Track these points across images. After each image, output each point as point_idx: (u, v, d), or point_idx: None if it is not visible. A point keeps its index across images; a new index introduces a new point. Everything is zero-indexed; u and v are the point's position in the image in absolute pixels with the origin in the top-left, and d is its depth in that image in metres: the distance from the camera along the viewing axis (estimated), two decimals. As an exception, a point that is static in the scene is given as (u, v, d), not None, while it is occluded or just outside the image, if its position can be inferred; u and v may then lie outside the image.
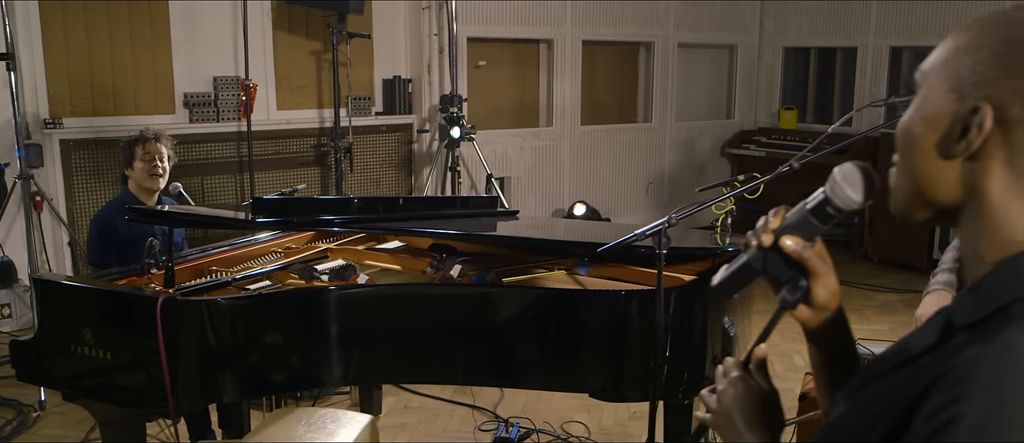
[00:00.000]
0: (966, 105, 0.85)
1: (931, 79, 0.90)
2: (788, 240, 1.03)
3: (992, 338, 0.79)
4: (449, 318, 2.67)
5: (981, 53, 0.85)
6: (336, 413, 2.63)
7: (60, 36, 5.47)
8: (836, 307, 1.09)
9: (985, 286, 0.86)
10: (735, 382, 1.11)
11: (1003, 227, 0.86)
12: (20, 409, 4.20)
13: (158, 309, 2.49)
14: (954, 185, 0.89)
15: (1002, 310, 0.82)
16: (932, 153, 0.89)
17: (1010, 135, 0.83)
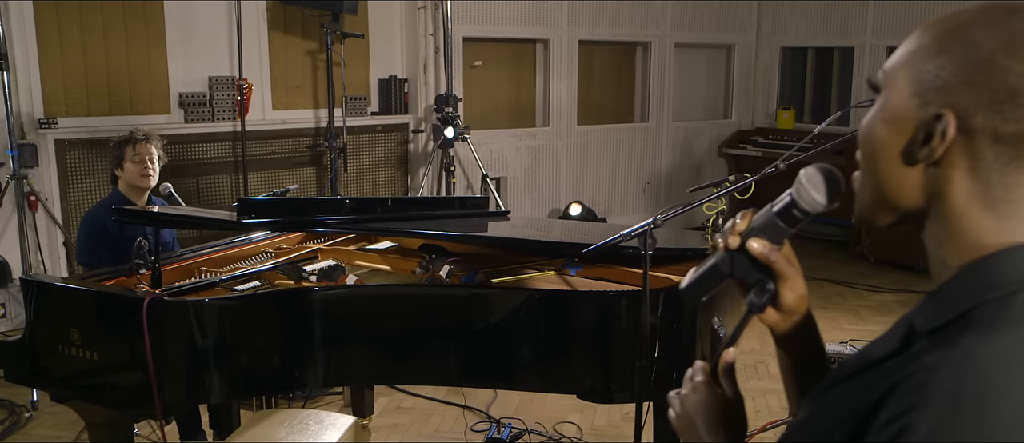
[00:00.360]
0: (929, 111, 0.84)
1: (894, 80, 0.89)
2: (755, 243, 1.02)
3: (951, 345, 0.79)
4: (435, 319, 2.66)
5: (943, 58, 0.84)
6: (319, 414, 2.63)
7: (55, 36, 5.46)
8: (804, 311, 1.08)
9: (947, 291, 0.86)
10: (698, 387, 1.10)
11: (966, 232, 0.85)
12: (12, 409, 4.20)
13: (144, 310, 2.48)
14: (917, 190, 0.88)
15: (963, 316, 0.81)
16: (895, 158, 0.88)
17: (973, 144, 0.83)
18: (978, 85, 0.81)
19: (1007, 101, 0.80)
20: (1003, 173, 0.83)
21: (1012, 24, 0.82)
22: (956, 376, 0.75)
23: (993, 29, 0.82)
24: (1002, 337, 0.77)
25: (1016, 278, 0.81)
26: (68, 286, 2.74)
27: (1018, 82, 0.80)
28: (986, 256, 0.84)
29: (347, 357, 2.63)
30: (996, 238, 0.84)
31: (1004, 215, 0.84)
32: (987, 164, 0.83)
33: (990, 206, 0.84)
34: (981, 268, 0.84)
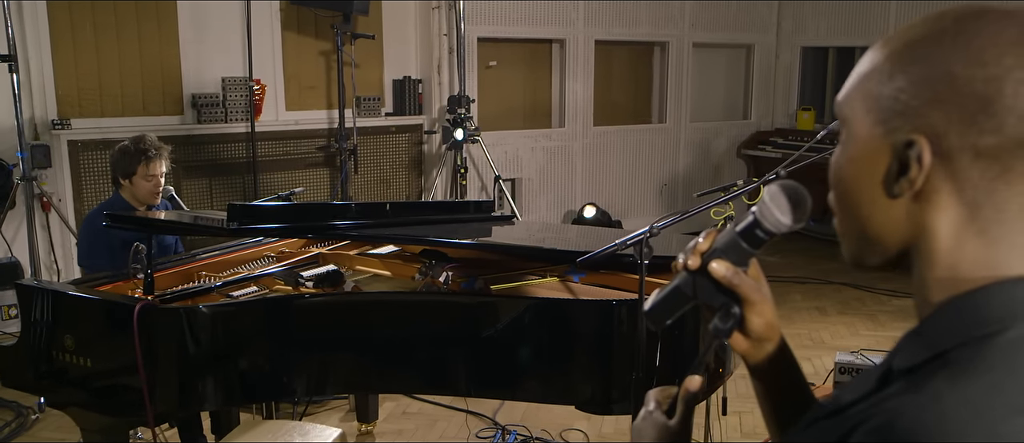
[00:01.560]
0: (898, 138, 0.77)
1: (851, 111, 0.83)
2: (717, 265, 0.95)
3: (919, 388, 0.72)
4: (428, 327, 2.62)
5: (899, 79, 0.77)
6: (304, 426, 2.59)
7: (68, 37, 5.47)
8: (776, 339, 1.02)
9: (927, 329, 0.79)
10: (645, 416, 1.05)
11: (952, 264, 0.78)
12: (19, 411, 4.20)
13: (135, 316, 2.46)
14: (903, 225, 0.80)
15: (941, 355, 0.74)
16: (872, 196, 0.81)
17: (953, 165, 0.75)
18: (944, 101, 0.74)
19: (979, 111, 0.73)
20: (991, 190, 0.75)
21: (964, 30, 0.75)
22: (917, 424, 0.68)
23: (945, 39, 0.75)
24: (974, 382, 0.70)
25: (1000, 316, 0.74)
26: (60, 292, 2.72)
27: (986, 89, 0.73)
28: (970, 291, 0.77)
29: (336, 364, 2.59)
30: (983, 271, 0.77)
31: (995, 239, 0.77)
32: (973, 183, 0.76)
33: (981, 230, 0.77)
34: (964, 304, 0.77)
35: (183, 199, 5.44)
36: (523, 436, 3.90)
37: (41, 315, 2.72)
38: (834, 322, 5.71)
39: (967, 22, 0.75)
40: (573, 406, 2.63)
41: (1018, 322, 0.73)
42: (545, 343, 2.63)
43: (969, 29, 0.75)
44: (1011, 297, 0.75)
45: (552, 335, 2.62)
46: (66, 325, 2.66)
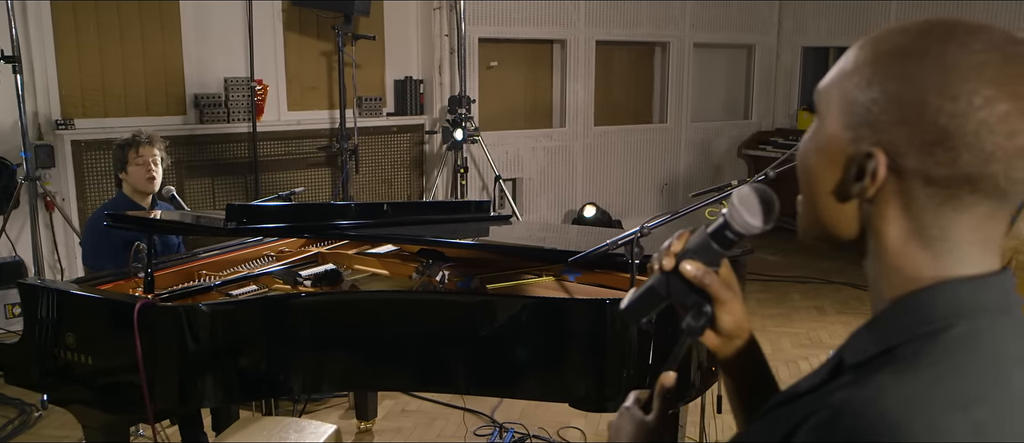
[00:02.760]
0: (861, 147, 0.81)
1: (827, 105, 0.86)
2: (688, 265, 0.99)
3: (865, 382, 0.76)
4: (423, 325, 2.65)
5: (876, 90, 0.80)
6: (300, 422, 2.63)
7: (72, 37, 5.52)
8: (746, 336, 1.06)
9: (878, 324, 0.83)
10: (622, 413, 1.09)
11: (901, 267, 0.82)
12: (23, 408, 4.25)
13: (135, 314, 2.49)
14: (853, 223, 0.85)
15: (890, 350, 0.78)
16: (830, 192, 0.85)
17: (904, 183, 0.79)
18: (909, 124, 0.77)
19: (938, 144, 0.76)
20: (937, 213, 0.79)
21: (947, 56, 0.77)
22: (859, 416, 0.72)
23: (926, 62, 0.77)
24: (917, 378, 0.74)
25: (947, 314, 0.78)
26: (62, 290, 2.76)
27: (949, 123, 0.75)
28: (919, 289, 0.81)
29: (333, 362, 2.63)
30: (931, 272, 0.81)
31: (940, 252, 0.80)
32: (920, 204, 0.79)
33: (926, 244, 0.81)
34: (913, 302, 0.81)
35: (186, 199, 5.49)
36: (520, 434, 3.93)
37: (43, 313, 2.76)
38: (833, 321, 5.74)
39: (951, 48, 0.77)
40: (567, 404, 2.66)
41: (962, 320, 0.77)
42: (539, 341, 2.65)
43: (949, 59, 0.76)
44: (956, 296, 0.78)
45: (546, 333, 2.65)
46: (68, 323, 2.70)
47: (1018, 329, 0.81)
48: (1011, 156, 0.75)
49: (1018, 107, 0.75)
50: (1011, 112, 0.74)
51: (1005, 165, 0.76)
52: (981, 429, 0.72)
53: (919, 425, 0.70)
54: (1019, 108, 0.75)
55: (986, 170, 0.76)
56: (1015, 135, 0.75)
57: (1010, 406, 0.75)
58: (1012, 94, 0.75)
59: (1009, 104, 0.74)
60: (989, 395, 0.74)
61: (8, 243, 5.20)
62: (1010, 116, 0.74)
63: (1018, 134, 0.75)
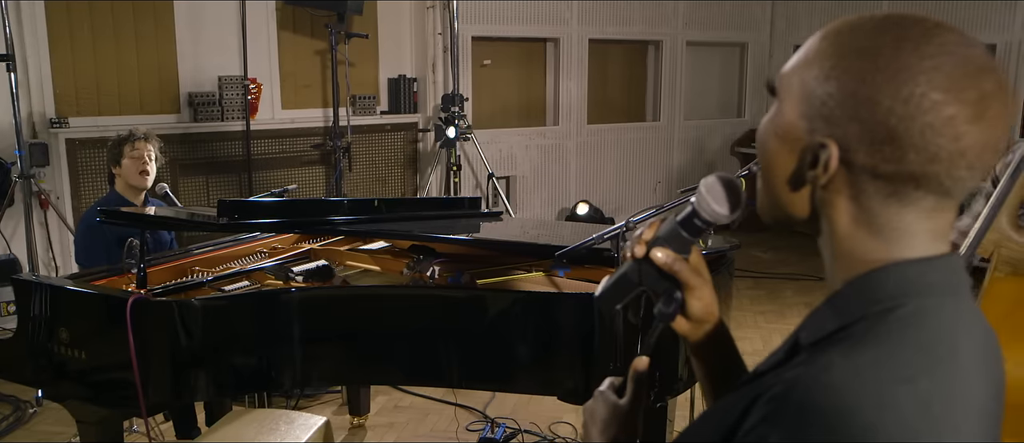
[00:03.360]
0: (815, 138, 0.84)
1: (787, 92, 0.89)
2: (658, 252, 1.03)
3: (816, 360, 0.79)
4: (414, 319, 2.68)
5: (832, 84, 0.83)
6: (290, 415, 2.66)
7: (66, 36, 5.54)
8: (715, 321, 1.09)
9: (831, 305, 0.87)
10: (596, 396, 1.12)
11: (852, 251, 0.86)
12: (17, 405, 4.27)
13: (128, 309, 2.52)
14: (807, 207, 0.89)
15: (841, 330, 0.82)
16: (786, 177, 0.89)
17: (854, 176, 0.83)
18: (861, 122, 0.81)
19: (886, 142, 0.80)
20: (884, 204, 0.83)
21: (900, 56, 0.80)
22: (809, 391, 0.75)
23: (880, 61, 0.80)
24: (865, 353, 0.78)
25: (896, 294, 0.82)
26: (56, 286, 2.78)
27: (898, 125, 0.79)
28: (870, 271, 0.84)
29: (323, 356, 2.66)
30: (881, 255, 0.85)
31: (888, 239, 0.84)
32: (868, 195, 0.83)
33: (874, 232, 0.85)
34: (864, 283, 0.84)
35: (180, 197, 5.51)
36: (512, 429, 3.96)
37: (37, 309, 2.78)
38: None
39: (904, 51, 0.80)
40: (556, 397, 2.69)
41: (910, 299, 0.81)
42: (528, 335, 2.68)
43: (902, 60, 0.80)
44: (905, 277, 0.82)
45: (534, 327, 2.68)
46: (61, 319, 2.72)
47: (966, 308, 0.85)
48: (954, 157, 0.79)
49: (963, 112, 0.78)
50: (956, 116, 0.78)
51: (948, 165, 0.80)
52: (926, 401, 0.75)
53: (865, 397, 0.74)
54: (965, 113, 0.78)
55: (930, 169, 0.80)
56: (959, 138, 0.79)
57: (957, 380, 0.79)
58: (958, 99, 0.78)
59: (955, 108, 0.78)
60: (935, 369, 0.78)
61: (3, 241, 5.22)
62: (955, 120, 0.78)
63: (962, 137, 0.79)
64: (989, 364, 0.86)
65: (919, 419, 0.74)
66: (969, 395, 0.80)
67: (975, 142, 0.79)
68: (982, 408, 0.82)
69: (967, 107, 0.78)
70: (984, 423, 0.83)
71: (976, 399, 0.81)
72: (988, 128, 0.79)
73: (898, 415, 0.73)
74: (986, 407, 0.83)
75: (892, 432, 0.73)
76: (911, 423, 0.74)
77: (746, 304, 5.96)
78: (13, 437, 4.03)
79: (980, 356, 0.84)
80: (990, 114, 0.79)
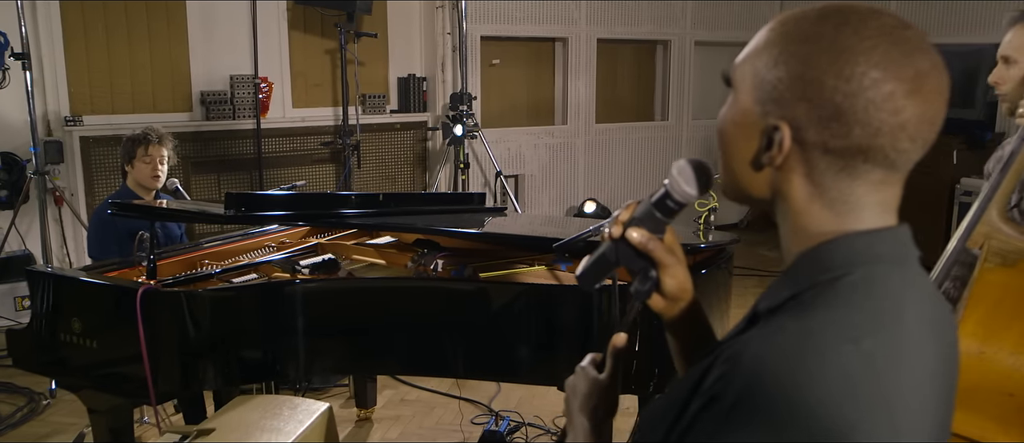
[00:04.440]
0: (768, 121, 0.90)
1: (741, 81, 0.94)
2: (634, 232, 1.08)
3: (769, 324, 0.85)
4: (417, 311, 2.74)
5: (781, 70, 0.89)
6: (294, 400, 2.72)
7: (80, 35, 5.63)
8: (689, 299, 1.14)
9: (787, 276, 0.92)
10: (577, 372, 1.17)
11: (806, 225, 0.92)
12: (31, 396, 4.36)
13: (138, 299, 2.59)
14: (765, 187, 0.94)
15: (794, 297, 0.88)
16: (744, 159, 0.94)
17: (806, 153, 0.89)
18: (809, 102, 0.86)
19: (833, 119, 0.86)
20: (836, 178, 0.89)
21: (841, 39, 0.86)
22: (760, 350, 0.81)
23: (823, 44, 0.86)
24: (813, 317, 0.84)
25: (843, 263, 0.88)
26: (69, 277, 2.85)
27: (843, 102, 0.85)
28: (822, 243, 0.90)
29: (326, 346, 2.72)
30: (832, 228, 0.90)
31: (840, 212, 0.90)
32: (820, 171, 0.89)
33: (827, 205, 0.90)
34: (817, 254, 0.90)
35: (192, 194, 5.60)
36: (516, 422, 4.01)
37: (50, 300, 2.86)
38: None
39: (844, 34, 0.86)
40: (557, 388, 2.74)
41: (856, 268, 0.87)
42: (529, 327, 2.74)
43: (843, 43, 0.86)
44: (852, 247, 0.88)
45: (535, 319, 2.74)
46: (74, 309, 2.79)
47: (913, 276, 0.91)
48: (895, 130, 0.85)
49: (902, 87, 0.84)
50: (895, 92, 0.84)
51: (891, 138, 0.86)
52: (870, 359, 0.81)
53: (812, 354, 0.79)
54: (903, 88, 0.85)
55: (875, 142, 0.86)
56: (899, 112, 0.85)
57: (902, 342, 0.85)
58: (896, 76, 0.84)
59: (894, 84, 0.84)
60: (879, 331, 0.83)
61: (18, 237, 5.32)
62: (894, 95, 0.84)
63: (901, 111, 0.85)
64: (939, 331, 0.92)
65: (862, 374, 0.80)
66: (915, 357, 0.85)
67: (914, 115, 0.85)
68: (931, 371, 0.88)
69: (904, 83, 0.84)
70: (935, 384, 0.89)
71: (924, 362, 0.87)
72: (925, 102, 0.86)
73: (842, 370, 0.79)
74: (935, 370, 0.89)
75: (836, 386, 0.78)
76: (854, 378, 0.79)
77: (749, 301, 5.97)
78: (28, 427, 4.11)
79: (928, 322, 0.90)
80: (926, 89, 0.86)
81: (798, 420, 0.77)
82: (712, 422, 0.81)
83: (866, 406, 0.79)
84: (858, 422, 0.78)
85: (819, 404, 0.77)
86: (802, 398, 0.77)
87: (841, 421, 0.77)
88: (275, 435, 2.45)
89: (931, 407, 0.87)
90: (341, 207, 3.11)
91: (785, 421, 0.77)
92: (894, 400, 0.81)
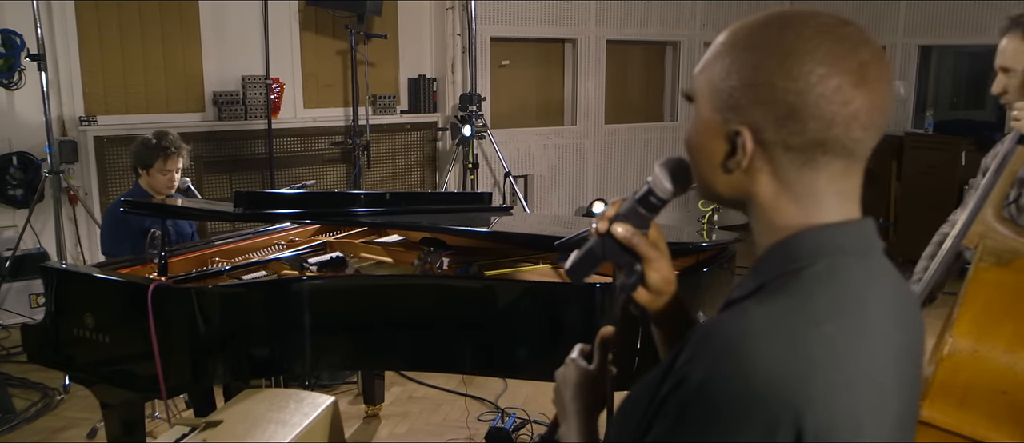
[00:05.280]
0: (730, 127, 0.95)
1: (700, 95, 0.99)
2: (619, 227, 1.13)
3: (735, 309, 0.90)
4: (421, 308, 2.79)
5: (734, 79, 0.94)
6: (300, 394, 2.77)
7: (95, 37, 5.71)
8: (673, 292, 1.19)
9: (756, 268, 0.98)
10: (568, 363, 1.22)
11: (774, 220, 0.97)
12: (45, 392, 4.43)
13: (149, 296, 2.65)
14: (734, 188, 0.99)
15: (763, 286, 0.93)
16: (712, 165, 0.99)
17: (769, 153, 0.94)
18: (764, 104, 0.92)
19: (789, 117, 0.91)
20: (799, 173, 0.94)
21: (785, 42, 0.91)
22: (726, 332, 0.86)
23: (768, 48, 0.92)
24: (778, 302, 0.89)
25: (809, 254, 0.93)
26: (82, 273, 2.92)
27: (796, 100, 0.90)
28: (789, 236, 0.95)
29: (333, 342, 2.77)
30: (798, 221, 0.95)
31: (805, 205, 0.95)
32: (784, 167, 0.94)
33: (794, 199, 0.95)
34: (784, 247, 0.95)
35: (204, 193, 5.66)
36: (522, 419, 4.06)
37: (64, 296, 2.92)
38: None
39: (788, 37, 0.91)
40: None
41: (819, 259, 0.92)
42: (533, 324, 2.78)
43: (787, 46, 0.91)
44: (816, 239, 0.94)
45: (539, 317, 2.78)
46: (87, 305, 2.86)
47: (876, 268, 0.96)
48: (848, 120, 0.90)
49: (848, 79, 0.90)
50: (842, 84, 0.89)
51: (845, 128, 0.91)
52: (830, 342, 0.86)
53: (774, 337, 0.85)
54: (849, 80, 0.90)
55: (830, 134, 0.91)
56: (848, 103, 0.90)
57: (864, 327, 0.90)
58: (841, 69, 0.90)
59: (840, 77, 0.89)
60: (841, 317, 0.89)
61: (33, 235, 5.39)
62: (842, 87, 0.89)
63: (850, 102, 0.90)
64: (903, 319, 0.97)
65: (822, 355, 0.85)
66: (877, 342, 0.90)
67: (864, 104, 0.90)
68: (894, 355, 0.93)
69: (850, 75, 0.90)
70: (898, 367, 0.94)
71: (886, 347, 0.92)
72: (871, 91, 0.91)
73: (803, 351, 0.84)
74: (899, 355, 0.94)
75: (797, 366, 0.83)
76: (815, 358, 0.84)
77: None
78: (42, 422, 4.19)
79: (891, 310, 0.95)
80: (871, 77, 0.91)
81: (760, 397, 0.82)
82: (680, 401, 0.86)
83: (825, 384, 0.84)
84: (817, 397, 0.83)
85: (780, 380, 0.82)
86: (764, 376, 0.82)
87: (801, 396, 0.82)
88: (281, 427, 2.51)
89: (893, 388, 0.92)
90: (347, 206, 3.16)
91: (748, 399, 0.82)
92: (854, 380, 0.86)
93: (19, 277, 5.31)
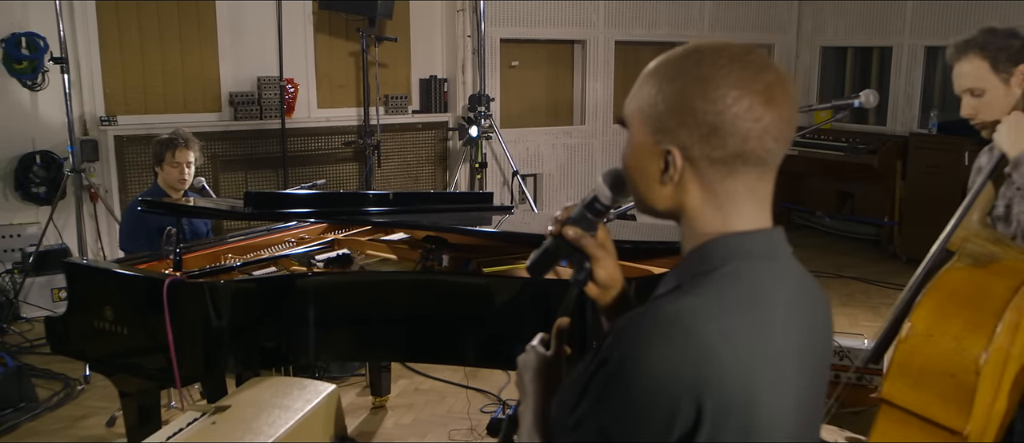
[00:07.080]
0: (662, 147, 1.09)
1: (634, 121, 1.13)
2: (569, 230, 1.27)
3: (650, 304, 1.04)
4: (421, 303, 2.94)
5: (662, 105, 1.08)
6: (303, 382, 2.93)
7: (115, 39, 5.90)
8: (619, 287, 1.33)
9: (676, 269, 1.13)
10: (528, 350, 1.36)
11: (696, 227, 1.11)
12: (67, 382, 4.62)
13: (165, 290, 2.81)
14: (668, 200, 1.13)
15: (679, 286, 1.07)
16: (649, 182, 1.13)
17: (696, 166, 1.08)
18: (688, 126, 1.06)
19: (711, 135, 1.05)
20: (722, 182, 1.08)
21: (701, 71, 1.06)
22: (639, 323, 1.01)
23: (688, 77, 1.06)
24: (686, 298, 1.04)
25: (720, 258, 1.08)
26: (102, 268, 3.09)
27: (715, 119, 1.04)
28: (706, 242, 1.10)
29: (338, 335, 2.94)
30: (717, 228, 1.09)
31: (727, 212, 1.09)
32: (709, 178, 1.08)
33: (716, 207, 1.09)
34: (701, 251, 1.10)
35: (220, 191, 5.85)
36: (523, 411, 4.19)
37: (85, 290, 3.09)
38: (837, 313, 5.92)
39: (704, 65, 1.06)
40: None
41: (728, 262, 1.06)
42: (527, 318, 2.92)
43: (705, 73, 1.06)
44: (729, 246, 1.08)
45: (533, 311, 2.92)
46: (107, 298, 3.02)
47: (782, 272, 1.09)
48: (761, 134, 1.05)
49: (758, 99, 1.04)
50: (753, 103, 1.04)
51: (759, 141, 1.05)
52: (729, 335, 1.00)
53: (679, 328, 0.99)
54: (759, 99, 1.04)
55: (747, 147, 1.05)
56: (760, 119, 1.04)
57: (764, 322, 1.04)
58: (751, 91, 1.04)
59: (751, 98, 1.04)
60: (742, 314, 1.03)
61: (55, 231, 5.59)
62: (753, 106, 1.04)
63: (762, 118, 1.05)
64: (810, 317, 1.11)
65: (721, 345, 0.99)
66: (779, 336, 1.04)
67: (773, 119, 1.05)
68: (796, 348, 1.07)
69: (759, 95, 1.04)
70: (802, 359, 1.08)
71: (788, 340, 1.06)
72: (778, 107, 1.05)
73: (704, 342, 0.98)
74: (801, 348, 1.08)
75: (697, 353, 0.97)
76: (714, 348, 0.98)
77: None
78: (63, 410, 4.37)
79: (797, 309, 1.08)
80: (777, 97, 1.05)
81: (661, 380, 0.96)
82: (601, 382, 1.00)
83: (721, 369, 0.98)
84: (714, 380, 0.97)
85: (683, 365, 0.96)
86: (664, 364, 0.97)
87: (699, 379, 0.96)
88: (284, 412, 2.67)
89: (792, 375, 1.06)
90: (353, 205, 3.31)
91: (651, 382, 0.96)
92: (752, 368, 1.00)
93: (42, 272, 5.49)
